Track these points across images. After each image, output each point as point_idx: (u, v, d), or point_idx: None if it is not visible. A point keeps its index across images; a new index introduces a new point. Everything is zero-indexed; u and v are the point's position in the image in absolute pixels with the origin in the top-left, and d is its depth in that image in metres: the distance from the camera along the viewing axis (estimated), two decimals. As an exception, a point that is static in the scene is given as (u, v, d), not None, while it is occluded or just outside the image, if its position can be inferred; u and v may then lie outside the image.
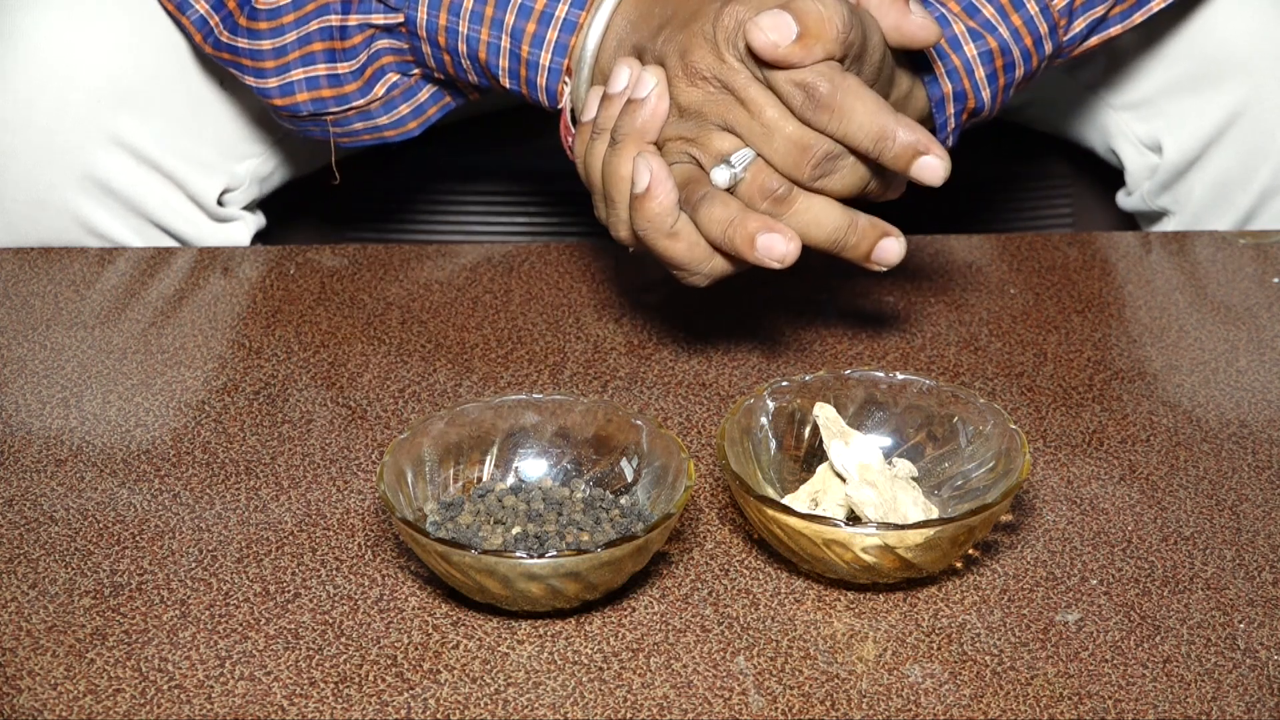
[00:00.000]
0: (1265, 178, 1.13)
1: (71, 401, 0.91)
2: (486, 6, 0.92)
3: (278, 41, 0.98)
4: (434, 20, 0.93)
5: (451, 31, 0.93)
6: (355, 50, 0.97)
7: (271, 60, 0.99)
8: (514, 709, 0.73)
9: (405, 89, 0.99)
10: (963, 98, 0.94)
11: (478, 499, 0.81)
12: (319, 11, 0.97)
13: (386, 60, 0.98)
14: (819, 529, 0.76)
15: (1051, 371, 0.95)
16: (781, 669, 0.75)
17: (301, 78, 0.99)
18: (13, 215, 1.06)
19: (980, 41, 0.94)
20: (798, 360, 0.95)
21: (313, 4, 0.97)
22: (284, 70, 0.99)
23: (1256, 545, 0.82)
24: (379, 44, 0.97)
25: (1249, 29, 1.11)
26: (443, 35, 0.94)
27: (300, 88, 0.99)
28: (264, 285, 1.02)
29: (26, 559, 0.80)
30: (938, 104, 0.93)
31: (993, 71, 0.94)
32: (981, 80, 0.94)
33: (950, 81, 0.93)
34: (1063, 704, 0.73)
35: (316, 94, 0.99)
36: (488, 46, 0.92)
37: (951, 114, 0.94)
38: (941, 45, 0.93)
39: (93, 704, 0.73)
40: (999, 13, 0.94)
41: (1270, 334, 0.98)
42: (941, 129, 0.95)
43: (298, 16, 0.97)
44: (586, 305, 1.00)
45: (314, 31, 0.97)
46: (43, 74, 1.04)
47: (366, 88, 0.99)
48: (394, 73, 0.99)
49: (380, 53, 0.98)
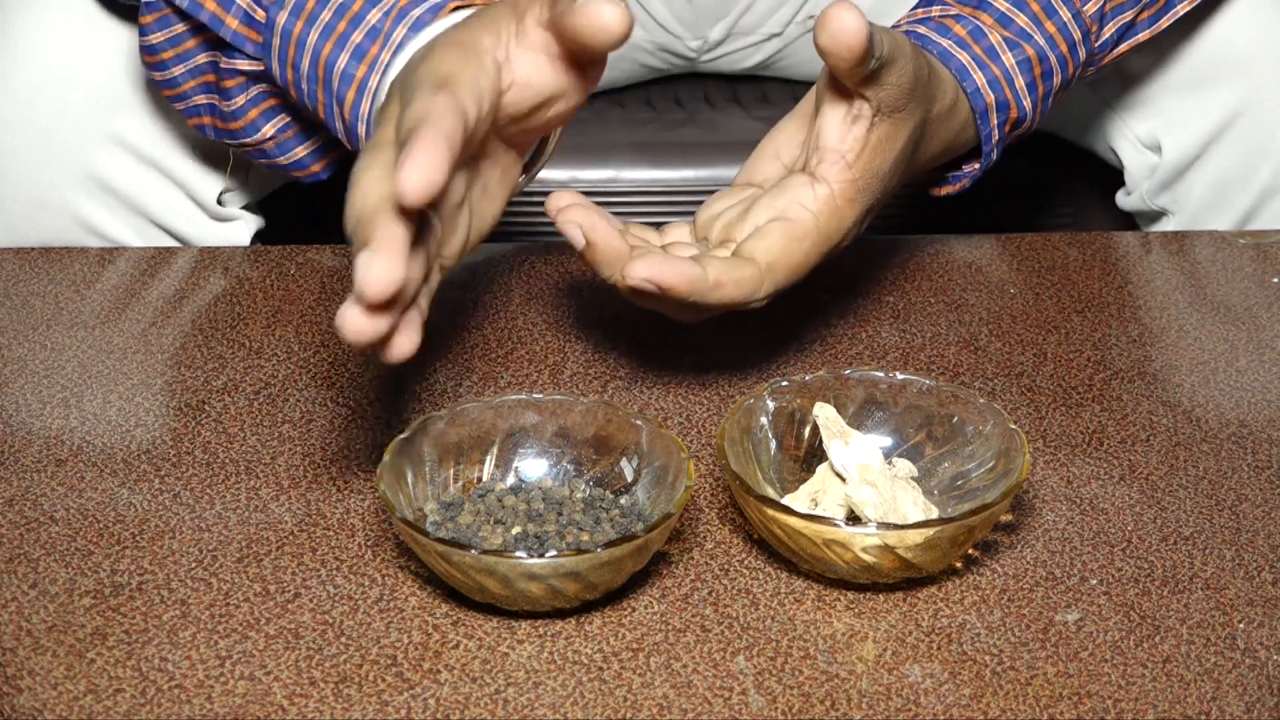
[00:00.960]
0: (1265, 178, 1.13)
1: (71, 401, 0.91)
2: (318, 68, 0.89)
3: (167, 74, 0.97)
4: (284, 74, 0.91)
5: (298, 88, 0.90)
6: (231, 93, 0.95)
7: (168, 89, 0.98)
8: (514, 709, 0.73)
9: (297, 131, 0.97)
10: (1005, 108, 0.94)
11: (478, 499, 0.81)
12: (201, 48, 0.95)
13: (272, 103, 0.96)
14: (819, 529, 0.76)
15: (1051, 371, 0.95)
16: (781, 669, 0.75)
17: (205, 103, 0.98)
18: (13, 215, 1.06)
19: (1018, 50, 0.94)
20: (798, 360, 0.95)
21: (191, 41, 0.95)
22: (185, 98, 0.98)
23: (1256, 545, 0.82)
24: (255, 89, 0.95)
25: (1249, 29, 1.11)
26: (292, 90, 0.91)
27: (204, 111, 0.98)
28: (264, 285, 1.02)
29: (26, 559, 0.80)
30: (981, 115, 0.93)
31: (1032, 80, 0.94)
32: (1022, 89, 0.94)
33: (992, 92, 0.93)
34: (1063, 704, 0.73)
35: (213, 123, 0.98)
36: (324, 108, 0.90)
37: (995, 125, 0.94)
38: (980, 56, 0.93)
39: (93, 704, 0.73)
40: (1032, 21, 0.94)
41: (1270, 334, 0.98)
42: (986, 140, 0.95)
43: (178, 53, 0.95)
44: (586, 305, 1.00)
45: (204, 64, 0.96)
46: (43, 74, 1.04)
47: (251, 127, 0.97)
48: (283, 114, 0.97)
49: (261, 96, 0.96)
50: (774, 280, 0.86)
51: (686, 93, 1.32)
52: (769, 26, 1.27)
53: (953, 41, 0.93)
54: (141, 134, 1.06)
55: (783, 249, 0.85)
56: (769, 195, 0.87)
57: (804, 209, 0.86)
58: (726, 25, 1.27)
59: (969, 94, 0.93)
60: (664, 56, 1.29)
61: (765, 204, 0.87)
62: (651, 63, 1.30)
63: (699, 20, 1.26)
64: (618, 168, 1.28)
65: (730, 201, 0.90)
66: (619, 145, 1.28)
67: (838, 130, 0.86)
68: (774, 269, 0.85)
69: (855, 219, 0.87)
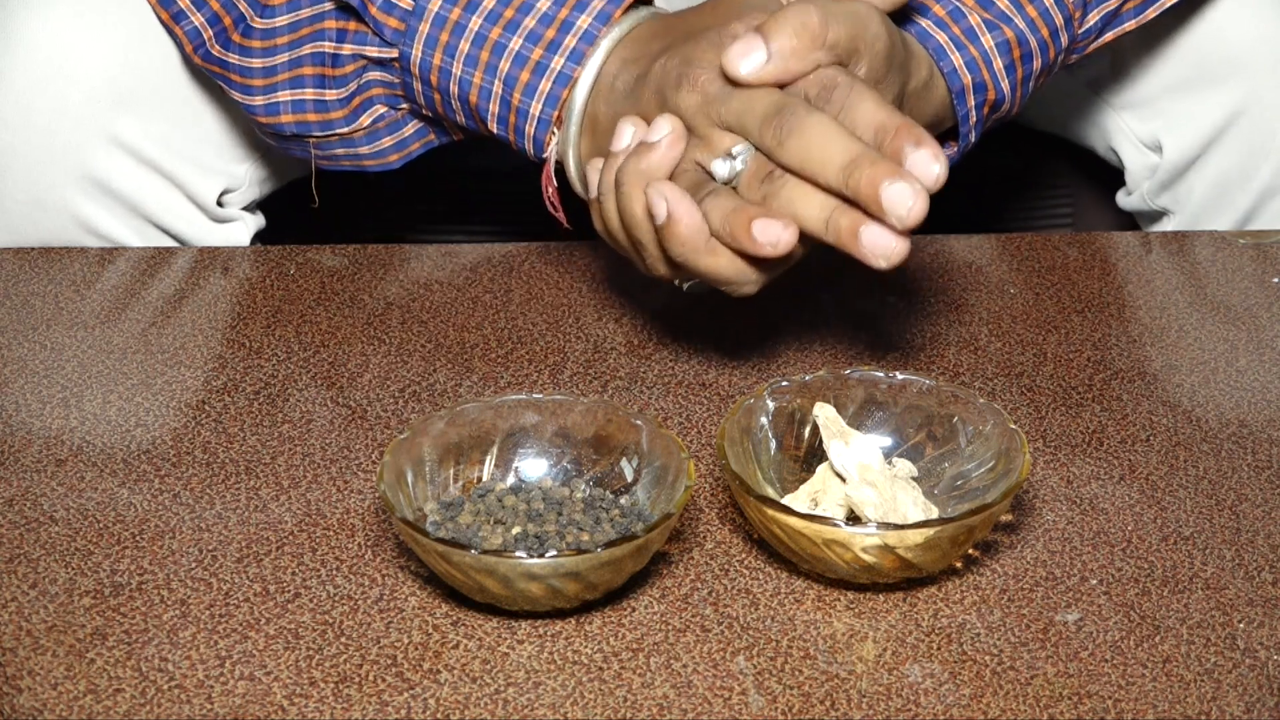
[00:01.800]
0: (1265, 177, 1.13)
1: (71, 401, 0.91)
2: (482, 51, 0.91)
3: (268, 61, 0.98)
4: (428, 59, 0.93)
5: (445, 72, 0.93)
6: (346, 79, 0.97)
7: (260, 79, 0.99)
8: (514, 709, 0.73)
9: (390, 122, 0.99)
10: (983, 89, 0.93)
11: (478, 499, 0.81)
12: (314, 36, 0.97)
13: (376, 92, 0.98)
14: (819, 529, 0.76)
15: (1051, 371, 0.95)
16: (781, 669, 0.75)
17: (288, 99, 0.99)
18: (13, 215, 1.06)
19: (997, 32, 0.93)
20: (798, 360, 0.95)
21: (308, 28, 0.97)
22: (271, 90, 0.99)
23: (1256, 545, 0.82)
24: (370, 75, 0.97)
25: (1249, 29, 1.11)
26: (435, 74, 0.93)
27: (285, 109, 0.99)
28: (264, 285, 1.02)
29: (26, 559, 0.80)
30: (958, 95, 0.93)
31: (1010, 62, 0.94)
32: (1000, 71, 0.94)
33: (970, 73, 0.93)
34: (1063, 704, 0.73)
35: (301, 117, 0.99)
36: (479, 90, 0.92)
37: (973, 106, 0.94)
38: (959, 37, 0.93)
39: (93, 704, 0.73)
40: (1013, 4, 0.94)
41: (1270, 334, 0.98)
42: (964, 121, 0.94)
43: (292, 39, 0.97)
44: (586, 305, 1.00)
45: (306, 55, 0.97)
46: (42, 74, 1.04)
47: (353, 116, 0.99)
48: (382, 105, 0.98)
49: (370, 84, 0.97)
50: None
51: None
52: None
53: (932, 21, 0.93)
54: (141, 134, 1.06)
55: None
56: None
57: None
58: None
59: (946, 74, 0.93)
60: None
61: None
62: None
63: None
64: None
65: None
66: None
67: None
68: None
69: None
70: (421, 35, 0.93)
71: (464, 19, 0.92)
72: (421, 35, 0.93)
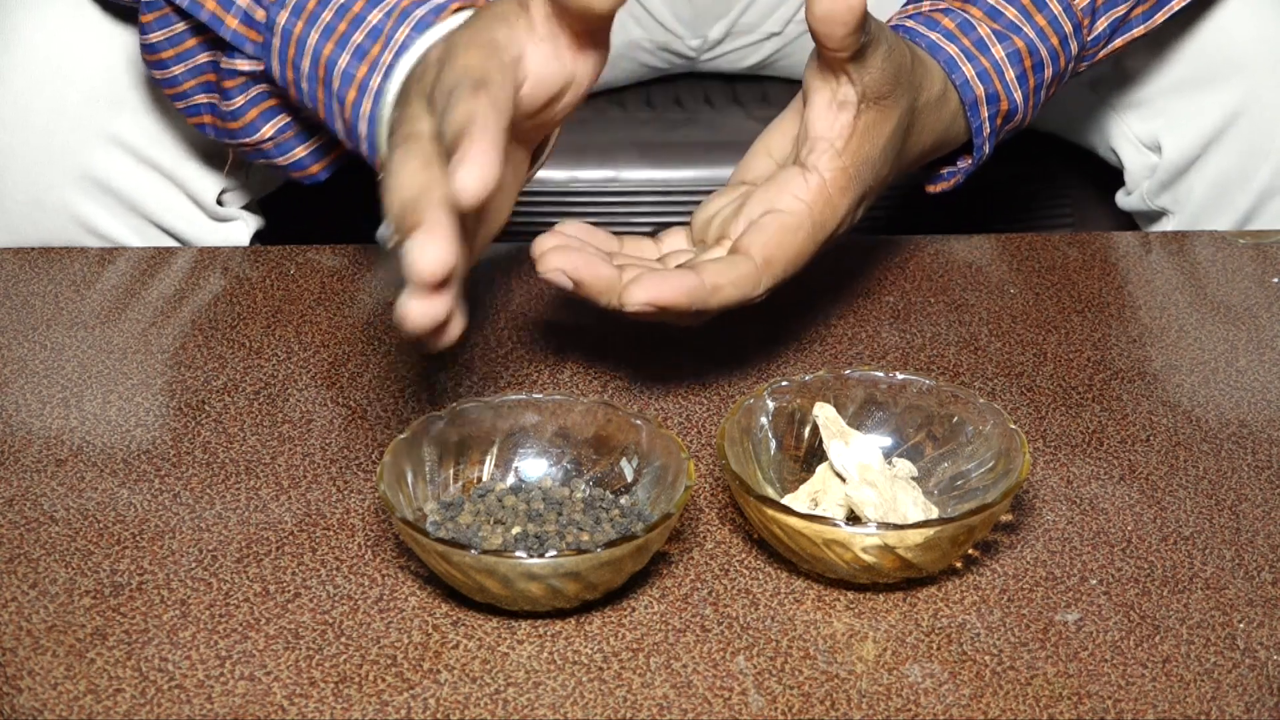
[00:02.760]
0: (1265, 178, 1.13)
1: (71, 401, 0.91)
2: (319, 68, 0.89)
3: (167, 73, 0.97)
4: (284, 74, 0.90)
5: (299, 87, 0.90)
6: (232, 92, 0.95)
7: (169, 88, 0.98)
8: (514, 709, 0.73)
9: (297, 131, 0.97)
10: (996, 100, 0.94)
11: (478, 499, 0.81)
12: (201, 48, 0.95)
13: (271, 103, 0.95)
14: (819, 529, 0.76)
15: (1051, 371, 0.95)
16: (781, 669, 0.75)
17: (205, 101, 0.97)
18: (12, 215, 1.06)
19: (1007, 43, 0.94)
20: (798, 360, 0.95)
21: (191, 40, 0.95)
22: (185, 96, 0.98)
23: (1256, 545, 0.82)
24: (255, 89, 0.95)
25: (1249, 29, 1.11)
26: (293, 90, 0.91)
27: (205, 110, 0.98)
28: (264, 285, 1.02)
29: (26, 559, 0.80)
30: (971, 107, 0.93)
31: (1022, 72, 0.94)
32: (1012, 81, 0.94)
33: (982, 84, 0.93)
34: (1063, 704, 0.73)
35: (214, 122, 0.98)
36: (324, 107, 0.89)
37: (986, 117, 0.94)
38: (969, 49, 0.93)
39: (93, 704, 0.73)
40: (1022, 14, 0.94)
41: (1270, 334, 0.98)
42: (978, 133, 0.95)
43: (178, 52, 0.95)
44: (586, 305, 0.99)
45: (204, 64, 0.96)
46: (41, 74, 1.04)
47: (251, 128, 0.96)
48: (284, 115, 0.96)
49: (262, 95, 0.95)
50: (772, 274, 0.86)
51: (686, 93, 1.32)
52: (769, 25, 1.27)
53: (941, 34, 0.93)
54: (140, 134, 1.06)
55: (778, 242, 0.85)
56: (761, 190, 0.87)
57: (797, 199, 0.86)
58: (726, 24, 1.27)
59: (958, 86, 0.93)
60: (664, 56, 1.29)
61: (758, 198, 0.87)
62: (651, 62, 1.30)
63: (699, 19, 1.26)
64: (618, 168, 1.28)
65: (725, 200, 0.90)
66: (619, 145, 1.28)
67: (825, 119, 0.86)
68: (771, 263, 0.85)
69: (848, 206, 0.87)
70: (275, 50, 0.90)
71: (305, 32, 0.89)
72: (275, 50, 0.90)
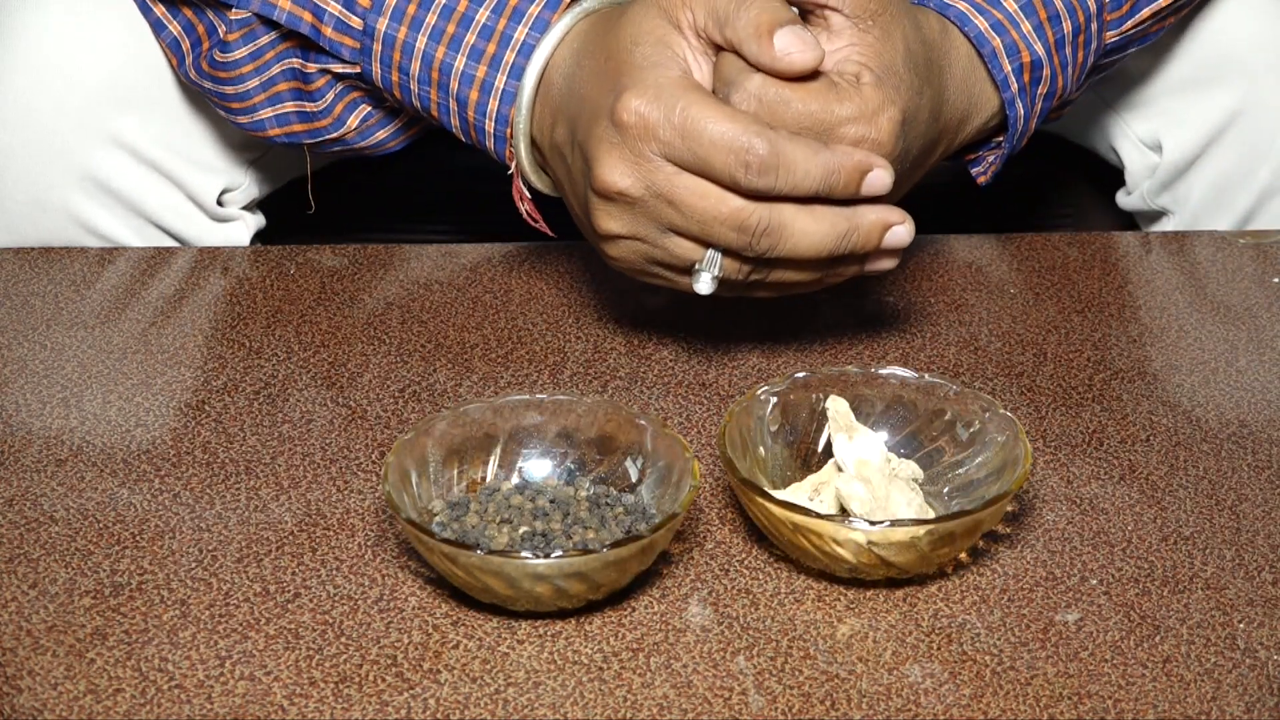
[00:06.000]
0: (1265, 178, 1.13)
1: (71, 401, 0.91)
2: (431, 70, 0.91)
3: (239, 88, 0.98)
4: (387, 76, 0.93)
5: (404, 88, 0.92)
6: (321, 92, 0.97)
7: (237, 103, 0.99)
8: (514, 709, 0.73)
9: (380, 118, 0.99)
10: (1015, 51, 0.92)
11: (485, 499, 0.81)
12: (280, 57, 0.96)
13: (356, 95, 0.97)
14: (795, 518, 0.76)
15: (1051, 371, 0.95)
16: (781, 669, 0.75)
17: (270, 115, 0.99)
18: (13, 215, 1.06)
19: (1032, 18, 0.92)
20: (798, 360, 0.95)
21: (272, 52, 0.96)
22: (251, 110, 0.99)
23: (1256, 545, 0.82)
24: (341, 85, 0.97)
25: (1249, 29, 1.11)
26: (397, 90, 0.93)
27: (271, 124, 0.99)
28: (264, 285, 1.02)
29: (26, 559, 0.80)
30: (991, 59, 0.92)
31: (1039, 23, 0.92)
32: (1030, 32, 0.91)
33: (997, 34, 0.92)
34: (1063, 704, 0.73)
35: (287, 129, 0.99)
36: (438, 107, 0.92)
37: (1010, 71, 0.92)
38: (979, 2, 0.91)
39: (93, 704, 0.73)
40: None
41: (1270, 334, 0.98)
42: (1004, 87, 0.92)
43: (258, 65, 0.97)
44: (586, 305, 1.00)
45: (278, 74, 0.97)
46: (42, 74, 1.04)
47: (338, 123, 0.98)
48: (366, 104, 0.98)
49: (347, 90, 0.97)
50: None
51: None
52: None
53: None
54: (141, 134, 1.06)
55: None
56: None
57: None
58: None
59: (973, 39, 0.90)
60: None
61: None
62: None
63: None
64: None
65: None
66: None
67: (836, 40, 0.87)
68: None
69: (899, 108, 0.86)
70: (376, 55, 0.92)
71: (410, 37, 0.91)
72: (376, 55, 0.92)
